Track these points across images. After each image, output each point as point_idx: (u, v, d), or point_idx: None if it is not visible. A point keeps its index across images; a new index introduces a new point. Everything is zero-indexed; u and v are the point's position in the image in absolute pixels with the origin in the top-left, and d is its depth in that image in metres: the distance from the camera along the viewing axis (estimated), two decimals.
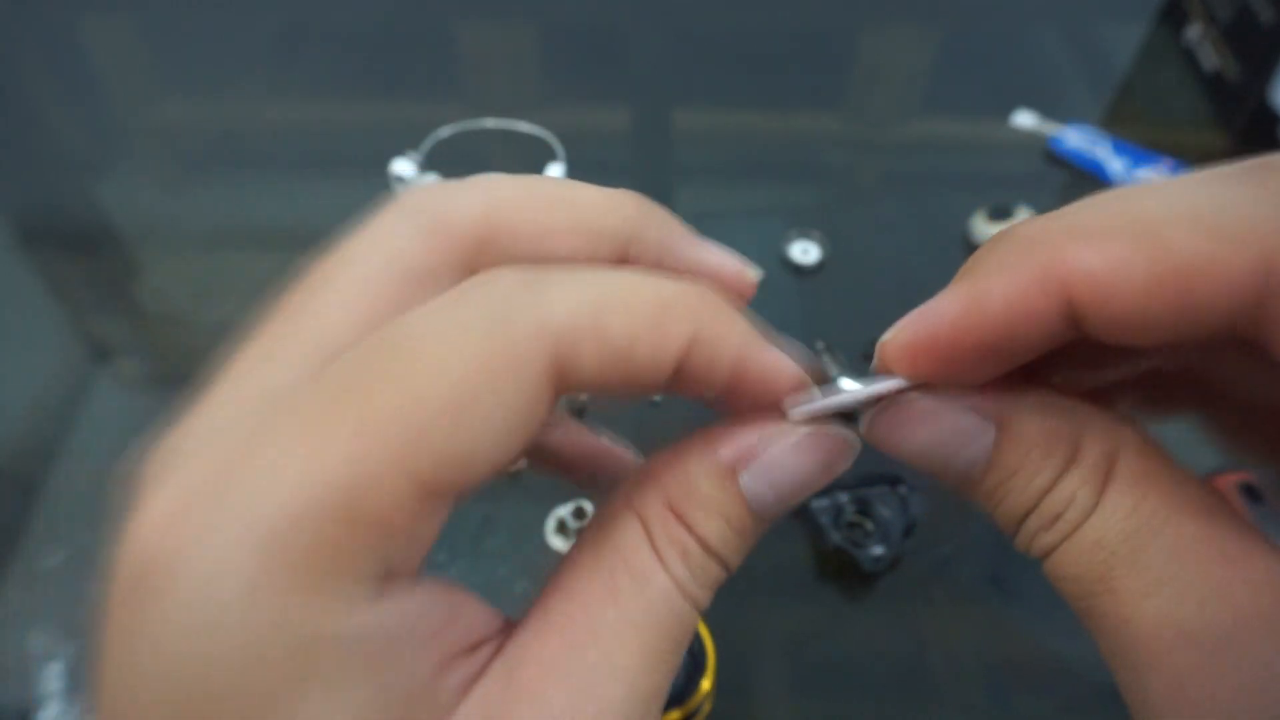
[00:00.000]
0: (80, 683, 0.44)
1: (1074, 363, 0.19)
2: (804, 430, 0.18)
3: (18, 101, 0.74)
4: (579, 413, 0.46)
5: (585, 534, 0.18)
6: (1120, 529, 0.16)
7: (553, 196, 0.18)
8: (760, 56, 0.78)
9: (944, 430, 0.17)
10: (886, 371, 0.18)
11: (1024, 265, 0.15)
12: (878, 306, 0.60)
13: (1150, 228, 0.14)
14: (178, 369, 0.56)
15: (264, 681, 0.13)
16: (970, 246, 0.62)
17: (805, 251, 0.61)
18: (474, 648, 0.16)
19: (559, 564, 0.17)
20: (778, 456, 0.17)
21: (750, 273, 0.20)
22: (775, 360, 0.17)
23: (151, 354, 0.58)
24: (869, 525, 0.48)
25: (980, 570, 0.48)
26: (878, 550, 0.47)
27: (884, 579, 0.47)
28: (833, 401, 0.18)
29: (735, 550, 0.17)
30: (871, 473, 0.48)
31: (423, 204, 0.18)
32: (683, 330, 0.16)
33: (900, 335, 0.17)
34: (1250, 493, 0.43)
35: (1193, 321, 0.14)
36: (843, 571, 0.47)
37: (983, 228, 0.61)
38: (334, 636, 0.13)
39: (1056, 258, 0.15)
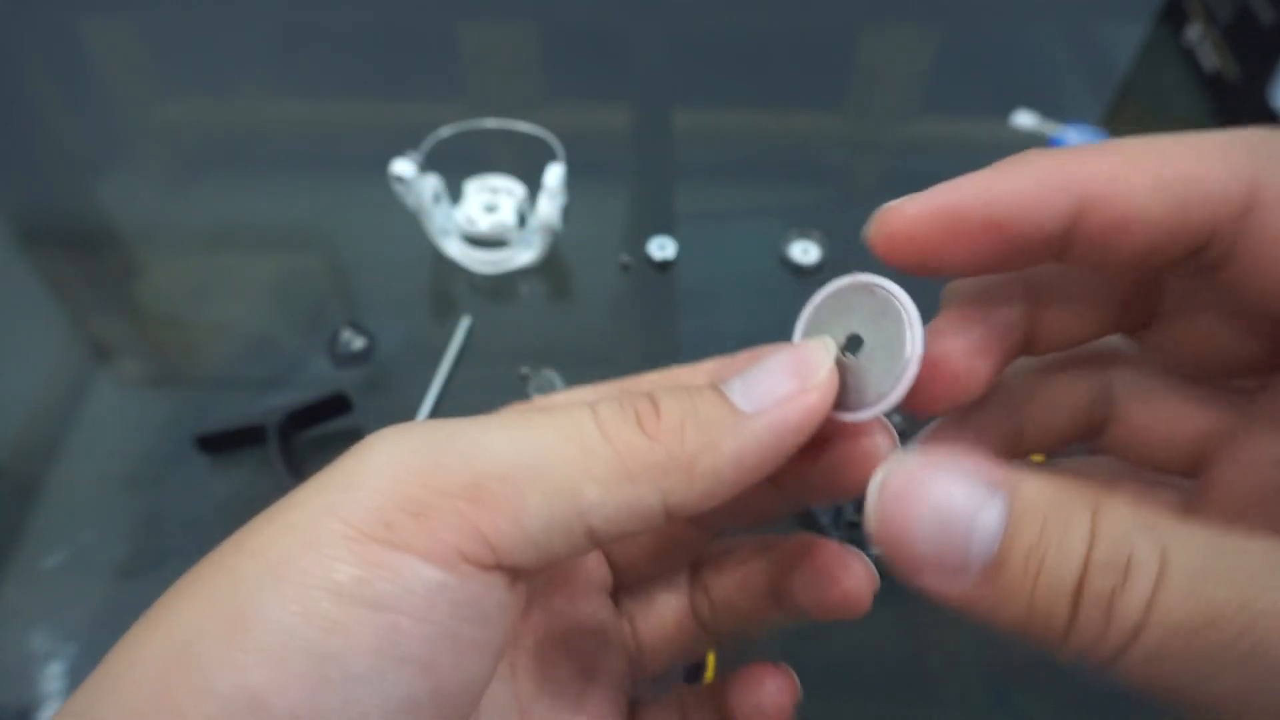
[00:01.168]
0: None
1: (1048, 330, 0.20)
2: (788, 346, 0.19)
3: (18, 101, 0.74)
4: None
5: None
6: (1215, 598, 0.13)
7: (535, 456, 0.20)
8: (760, 56, 0.78)
9: (950, 496, 0.15)
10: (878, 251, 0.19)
11: (1045, 163, 0.17)
12: None
13: (1155, 147, 0.17)
14: (178, 369, 0.56)
15: None
16: None
17: (805, 251, 0.61)
18: None
19: None
20: (760, 367, 0.19)
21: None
22: (766, 423, 0.19)
23: (151, 354, 0.58)
24: None
25: None
26: (878, 550, 0.47)
27: (884, 579, 0.47)
28: (832, 287, 0.19)
29: (677, 400, 0.18)
30: None
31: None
32: (649, 498, 0.19)
33: (913, 201, 0.18)
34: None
35: (1182, 225, 0.16)
36: None
37: None
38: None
39: (1075, 159, 0.17)
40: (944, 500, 0.15)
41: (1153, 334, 0.21)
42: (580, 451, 0.17)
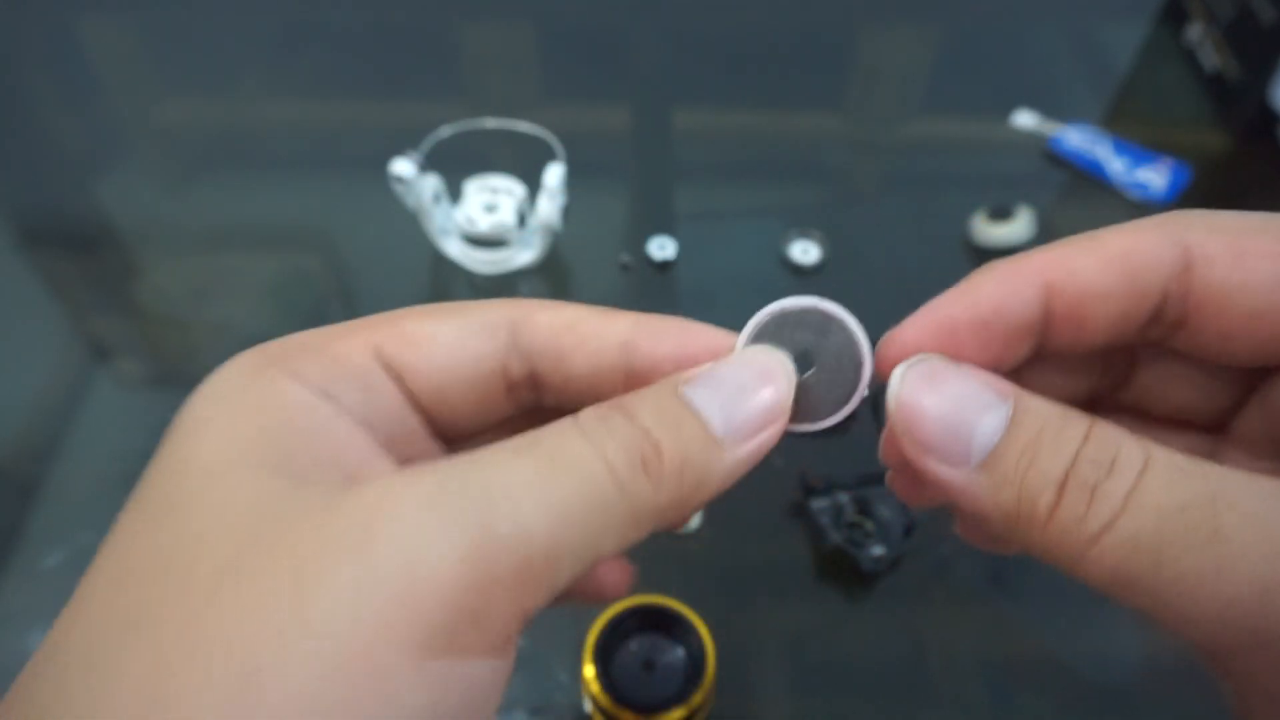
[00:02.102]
0: None
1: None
2: (747, 353, 0.20)
3: (18, 101, 0.74)
4: None
5: None
6: (1189, 490, 0.16)
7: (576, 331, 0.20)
8: (760, 56, 0.78)
9: (964, 391, 0.18)
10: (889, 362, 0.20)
11: (1008, 266, 0.19)
12: (878, 306, 0.60)
13: (1099, 234, 0.20)
14: (178, 369, 0.56)
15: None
16: (970, 247, 0.62)
17: (805, 251, 0.61)
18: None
19: None
20: (724, 373, 0.19)
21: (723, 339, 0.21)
22: (712, 332, 0.20)
23: (151, 354, 0.58)
24: (869, 525, 0.48)
25: (980, 570, 0.48)
26: (877, 550, 0.47)
27: (884, 579, 0.47)
28: (776, 307, 0.20)
29: (674, 439, 0.18)
30: (871, 473, 0.48)
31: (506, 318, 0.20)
32: (625, 317, 0.20)
33: (907, 325, 0.20)
34: None
35: (1133, 292, 0.19)
36: (842, 571, 0.47)
37: (983, 228, 0.61)
38: (262, 390, 0.17)
39: (1032, 257, 0.19)
40: (957, 393, 0.18)
41: (1130, 395, 0.23)
42: (601, 512, 0.17)
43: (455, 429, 0.21)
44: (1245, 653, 0.15)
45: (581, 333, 0.20)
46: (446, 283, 0.60)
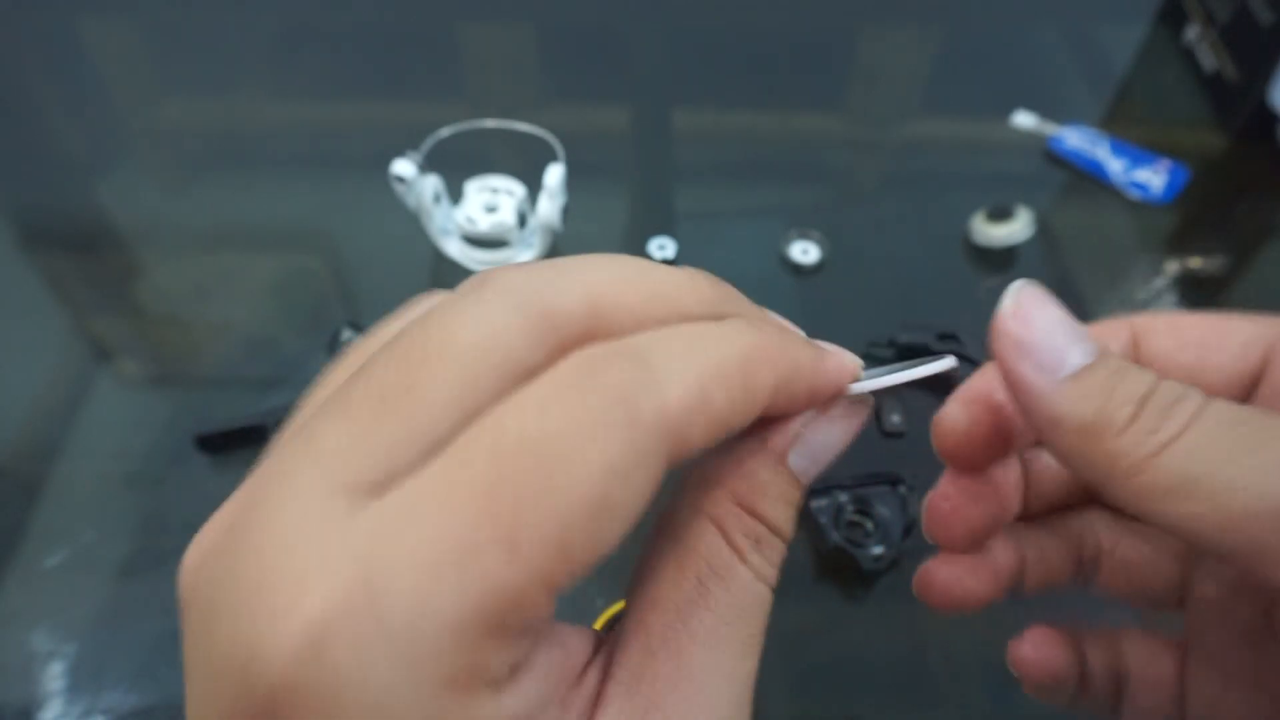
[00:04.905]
0: (80, 682, 0.44)
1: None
2: (838, 407, 0.20)
3: (18, 101, 0.74)
4: None
5: (658, 540, 0.19)
6: (1246, 412, 0.18)
7: (647, 286, 0.18)
8: (760, 56, 0.78)
9: (1065, 318, 0.20)
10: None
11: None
12: (878, 306, 0.60)
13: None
14: (178, 369, 0.56)
15: None
16: (970, 246, 0.62)
17: (805, 251, 0.61)
18: (581, 675, 0.17)
19: (638, 573, 0.19)
20: (819, 433, 0.20)
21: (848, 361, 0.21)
22: (838, 363, 0.20)
23: (151, 354, 0.58)
24: (869, 525, 0.48)
25: None
26: (877, 550, 0.47)
27: (884, 579, 0.47)
28: (888, 380, 0.20)
29: (791, 522, 0.19)
30: (871, 472, 0.49)
31: (527, 293, 0.16)
32: (768, 383, 0.18)
33: (951, 404, 0.23)
34: None
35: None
36: (842, 571, 0.47)
37: (982, 228, 0.61)
38: None
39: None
40: (1060, 319, 0.20)
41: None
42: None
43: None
44: None
45: (725, 427, 0.17)
46: (447, 283, 0.60)
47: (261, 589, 0.13)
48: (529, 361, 0.15)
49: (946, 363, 0.21)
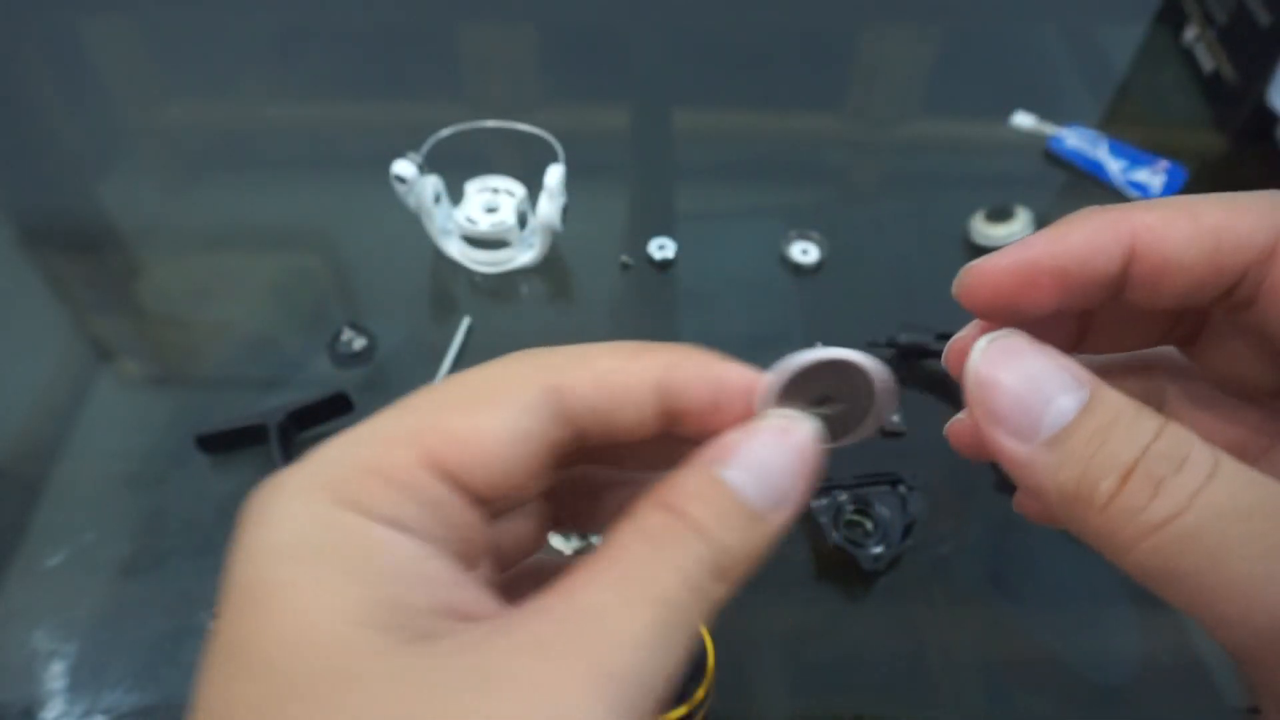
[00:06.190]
0: (81, 681, 0.44)
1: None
2: (772, 422, 0.19)
3: (19, 102, 0.74)
4: None
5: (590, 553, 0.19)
6: (1255, 499, 0.16)
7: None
8: (760, 56, 0.78)
9: (1043, 370, 0.18)
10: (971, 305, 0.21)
11: (1100, 219, 0.20)
12: (877, 306, 0.60)
13: (1194, 203, 0.20)
14: (178, 369, 0.56)
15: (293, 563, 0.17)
16: (970, 246, 0.62)
17: (805, 251, 0.61)
18: (466, 618, 0.17)
19: (562, 570, 0.18)
20: (757, 448, 0.19)
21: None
22: (739, 369, 0.19)
23: (152, 354, 0.58)
24: (868, 525, 0.48)
25: (980, 570, 0.48)
26: (877, 550, 0.47)
27: (883, 579, 0.47)
28: (790, 364, 0.19)
29: (737, 540, 0.18)
30: (871, 472, 0.49)
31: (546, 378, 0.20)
32: (656, 360, 0.19)
33: (994, 259, 0.20)
34: None
35: (1215, 269, 0.19)
36: (842, 571, 0.47)
37: (982, 228, 0.62)
38: (344, 537, 0.17)
39: (1125, 215, 0.20)
40: (1035, 371, 0.18)
41: (1198, 350, 0.23)
42: (692, 630, 0.18)
43: (504, 505, 0.21)
44: None
45: (613, 388, 0.19)
46: (447, 283, 0.60)
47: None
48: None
49: (855, 354, 0.20)
